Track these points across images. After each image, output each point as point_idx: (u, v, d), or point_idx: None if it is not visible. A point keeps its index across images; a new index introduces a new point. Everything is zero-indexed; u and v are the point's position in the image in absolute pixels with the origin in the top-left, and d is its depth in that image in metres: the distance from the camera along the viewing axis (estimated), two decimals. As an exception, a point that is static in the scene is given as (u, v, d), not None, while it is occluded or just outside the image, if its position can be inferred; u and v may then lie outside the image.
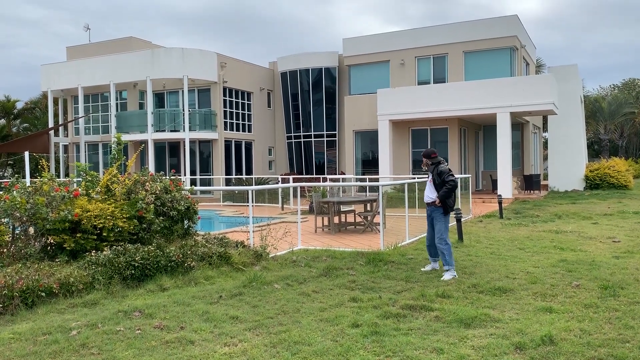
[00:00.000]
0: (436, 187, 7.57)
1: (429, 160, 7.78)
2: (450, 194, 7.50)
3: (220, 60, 26.28)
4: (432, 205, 7.65)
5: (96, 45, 29.37)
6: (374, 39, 26.37)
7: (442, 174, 7.49)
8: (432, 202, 7.61)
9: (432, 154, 7.80)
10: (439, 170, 7.54)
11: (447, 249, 7.38)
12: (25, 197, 7.32)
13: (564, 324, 5.09)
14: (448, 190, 7.45)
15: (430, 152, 7.82)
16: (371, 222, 12.30)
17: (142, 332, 4.99)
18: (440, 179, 7.50)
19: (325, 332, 4.97)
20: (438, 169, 7.56)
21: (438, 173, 7.54)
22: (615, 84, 50.54)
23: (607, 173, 23.90)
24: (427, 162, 7.81)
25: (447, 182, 7.45)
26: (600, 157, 34.64)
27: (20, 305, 5.80)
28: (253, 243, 8.78)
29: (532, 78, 23.46)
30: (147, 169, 9.20)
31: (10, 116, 37.55)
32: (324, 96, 29.04)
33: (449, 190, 7.45)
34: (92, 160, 27.94)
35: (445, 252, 7.36)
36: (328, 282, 6.97)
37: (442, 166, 7.60)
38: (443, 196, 7.47)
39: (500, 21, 23.74)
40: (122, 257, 6.85)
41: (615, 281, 6.67)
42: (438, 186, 7.53)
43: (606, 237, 10.47)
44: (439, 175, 7.52)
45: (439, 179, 7.51)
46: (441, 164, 7.64)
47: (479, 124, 25.37)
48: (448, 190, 7.45)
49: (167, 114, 26.15)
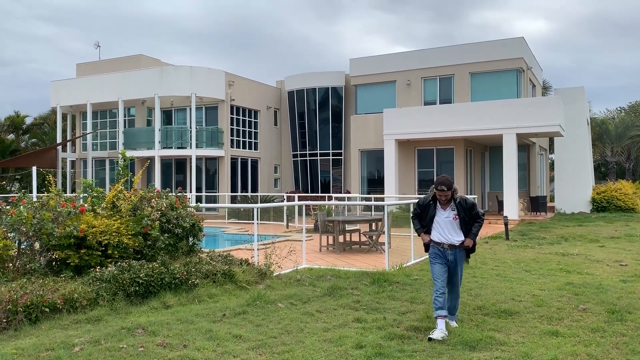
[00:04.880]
0: (465, 224, 5.99)
1: (450, 191, 5.93)
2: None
3: (227, 78, 26.52)
4: (457, 249, 5.99)
5: (105, 62, 29.73)
6: (381, 59, 26.59)
7: (474, 207, 6.01)
8: (461, 244, 5.97)
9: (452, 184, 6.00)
10: (469, 204, 5.99)
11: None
12: (31, 212, 7.36)
13: (571, 348, 5.03)
14: (481, 227, 6.07)
15: (451, 183, 5.97)
16: (376, 241, 12.26)
17: (145, 349, 4.97)
18: (471, 214, 5.98)
19: (329, 353, 4.93)
20: (467, 202, 6.00)
21: (468, 207, 5.97)
22: (622, 107, 50.51)
23: (614, 196, 23.79)
24: (446, 193, 5.92)
25: (481, 216, 6.07)
26: (607, 180, 34.51)
27: (24, 321, 5.79)
28: (257, 261, 8.76)
29: (539, 100, 23.50)
30: (154, 185, 9.23)
31: (19, 131, 37.92)
32: (330, 115, 29.18)
33: (481, 227, 6.08)
34: (99, 176, 28.08)
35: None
36: (332, 302, 6.93)
37: (466, 197, 6.11)
38: (476, 235, 6.05)
39: (506, 43, 23.89)
40: (126, 273, 6.84)
41: (622, 305, 6.59)
42: (466, 223, 5.98)
43: (613, 261, 10.38)
44: (469, 210, 5.97)
45: (469, 215, 5.97)
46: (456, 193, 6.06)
47: (485, 144, 25.37)
48: (481, 226, 6.07)
49: (175, 131, 26.34)
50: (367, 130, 24.80)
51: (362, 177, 25.28)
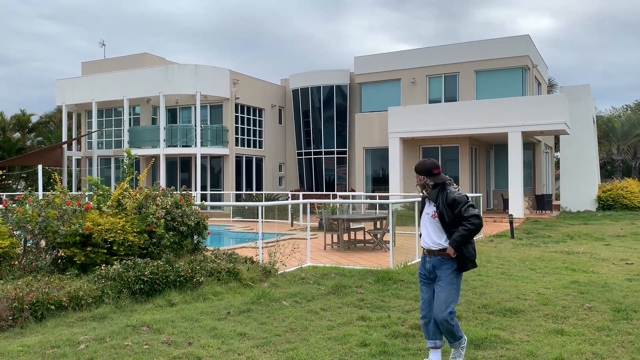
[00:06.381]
0: (445, 225, 4.54)
1: (428, 178, 4.66)
2: (473, 236, 4.52)
3: (232, 77, 26.53)
4: (439, 256, 4.58)
5: (110, 61, 29.80)
6: (386, 57, 26.55)
7: (457, 204, 4.48)
8: (442, 251, 4.56)
9: (434, 168, 4.64)
10: (450, 199, 4.52)
11: (456, 324, 4.59)
12: (37, 210, 7.39)
13: (576, 346, 5.01)
14: (470, 233, 4.44)
15: (430, 166, 4.65)
16: (381, 240, 12.25)
17: (150, 347, 4.98)
18: (454, 212, 4.49)
19: (333, 351, 4.93)
20: (448, 196, 4.53)
21: (449, 203, 4.51)
22: (627, 105, 50.25)
23: (620, 194, 23.68)
24: (424, 180, 4.68)
25: (469, 218, 4.43)
26: (613, 178, 34.33)
27: (30, 318, 5.82)
28: (262, 259, 8.77)
29: (544, 98, 23.41)
30: (159, 183, 9.27)
31: (25, 130, 38.07)
32: (334, 113, 29.16)
33: (470, 233, 4.44)
34: (104, 174, 28.17)
35: (455, 326, 4.58)
36: (336, 300, 6.93)
37: (454, 191, 4.60)
38: (460, 242, 4.46)
39: (511, 41, 23.80)
40: (131, 271, 6.87)
41: (628, 304, 6.57)
42: (449, 224, 4.52)
43: (619, 259, 10.34)
44: (450, 206, 4.51)
45: (451, 213, 4.50)
46: (449, 186, 4.64)
47: (490, 142, 25.30)
48: (469, 231, 4.43)
49: (180, 130, 26.41)
50: (372, 128, 24.77)
51: (366, 175, 25.26)
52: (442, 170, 4.81)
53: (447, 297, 4.49)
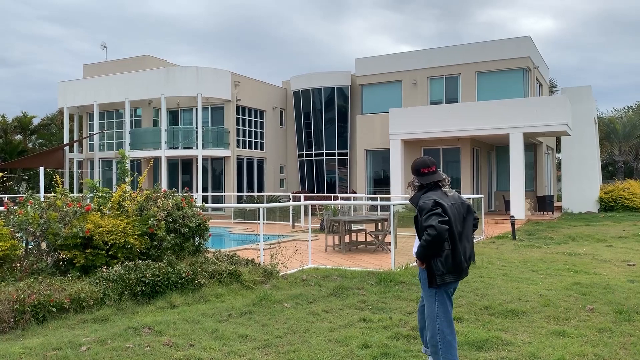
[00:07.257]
0: (417, 231, 4.34)
1: (416, 177, 4.46)
2: (433, 249, 4.10)
3: (234, 79, 26.57)
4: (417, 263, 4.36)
5: (112, 63, 29.87)
6: (387, 58, 26.56)
7: (421, 210, 4.21)
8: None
9: (423, 167, 4.40)
10: (419, 206, 4.25)
11: (444, 345, 4.23)
12: (38, 212, 7.40)
13: (578, 348, 5.00)
14: (428, 244, 4.06)
15: (418, 165, 4.45)
16: (382, 241, 12.24)
17: (151, 349, 4.98)
18: (422, 218, 4.21)
19: (335, 353, 4.92)
20: (419, 201, 4.28)
21: (418, 209, 4.27)
22: (629, 106, 50.17)
23: (621, 195, 23.66)
24: (412, 180, 4.51)
25: (426, 228, 4.08)
26: (614, 179, 34.30)
27: (31, 320, 5.82)
28: (263, 261, 8.76)
29: (546, 99, 23.40)
30: (160, 185, 9.26)
31: (27, 132, 38.14)
32: (336, 115, 29.18)
33: (428, 244, 4.06)
34: (105, 176, 28.21)
35: (443, 350, 4.24)
36: (338, 302, 6.93)
37: (430, 196, 4.24)
38: (420, 254, 4.17)
39: (513, 42, 23.80)
40: (132, 273, 6.86)
41: (630, 305, 6.55)
42: (420, 230, 4.23)
43: (621, 261, 10.32)
44: (419, 213, 4.27)
45: (419, 219, 4.27)
46: (442, 187, 4.36)
47: (492, 144, 25.29)
48: (426, 242, 4.07)
49: (181, 132, 26.44)
50: (373, 130, 24.78)
51: (368, 177, 25.26)
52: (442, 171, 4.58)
53: (431, 312, 4.28)
